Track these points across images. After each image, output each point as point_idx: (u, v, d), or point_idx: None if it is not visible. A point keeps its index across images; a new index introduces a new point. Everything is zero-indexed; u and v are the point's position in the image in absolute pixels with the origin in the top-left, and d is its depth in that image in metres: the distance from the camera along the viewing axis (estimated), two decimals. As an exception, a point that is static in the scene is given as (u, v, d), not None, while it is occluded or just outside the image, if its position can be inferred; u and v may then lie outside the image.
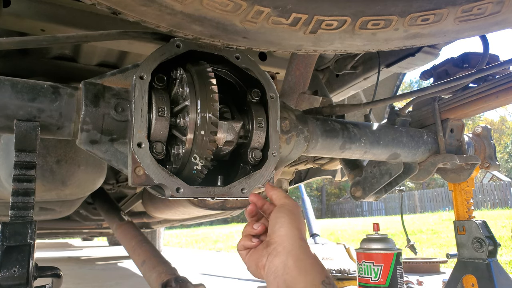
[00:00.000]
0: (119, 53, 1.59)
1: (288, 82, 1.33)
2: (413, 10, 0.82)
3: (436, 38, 0.92)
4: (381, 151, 1.35)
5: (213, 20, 0.79)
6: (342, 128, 1.27)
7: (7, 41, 0.96)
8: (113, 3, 0.74)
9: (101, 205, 2.38)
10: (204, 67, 0.92)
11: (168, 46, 0.92)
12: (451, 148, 1.55)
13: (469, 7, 0.82)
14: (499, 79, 1.43)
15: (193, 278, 1.78)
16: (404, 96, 1.46)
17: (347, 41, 0.89)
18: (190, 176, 0.92)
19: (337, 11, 0.79)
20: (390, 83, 2.19)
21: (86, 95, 0.86)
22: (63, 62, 1.56)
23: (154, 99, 0.89)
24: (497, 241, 1.66)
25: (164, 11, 0.75)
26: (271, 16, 0.78)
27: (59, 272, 0.83)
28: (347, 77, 1.87)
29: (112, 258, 5.67)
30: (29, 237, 0.77)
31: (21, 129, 0.81)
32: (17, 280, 0.73)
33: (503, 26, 0.91)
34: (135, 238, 1.73)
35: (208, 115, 0.87)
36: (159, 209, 2.67)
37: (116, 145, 0.91)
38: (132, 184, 0.85)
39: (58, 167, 1.43)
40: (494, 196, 16.74)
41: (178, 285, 1.19)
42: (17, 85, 0.82)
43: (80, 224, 3.47)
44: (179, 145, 0.92)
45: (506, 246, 4.86)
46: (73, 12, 1.29)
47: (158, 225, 3.92)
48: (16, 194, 0.80)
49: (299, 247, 0.73)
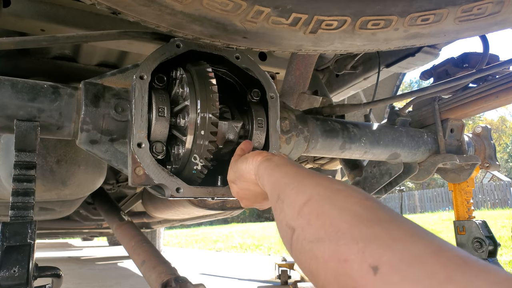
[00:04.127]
0: (119, 53, 1.59)
1: (288, 82, 1.33)
2: (413, 10, 0.82)
3: (436, 38, 0.92)
4: (381, 151, 1.35)
5: (213, 20, 0.79)
6: (342, 128, 1.27)
7: (7, 41, 0.96)
8: (113, 3, 0.74)
9: (101, 205, 2.38)
10: (204, 67, 0.92)
11: (168, 46, 0.92)
12: (451, 148, 1.55)
13: (469, 7, 0.82)
14: (499, 79, 1.43)
15: (193, 278, 1.78)
16: (404, 96, 1.46)
17: (347, 41, 0.88)
18: (190, 176, 0.92)
19: (337, 11, 0.79)
20: (390, 83, 2.19)
21: (86, 95, 0.86)
22: (63, 62, 1.56)
23: (154, 99, 0.89)
24: (497, 241, 1.66)
25: (164, 11, 0.75)
26: (271, 16, 0.78)
27: (59, 272, 0.83)
28: (347, 77, 1.87)
29: (112, 258, 5.67)
30: (29, 237, 0.77)
31: (21, 129, 0.81)
32: (17, 280, 0.73)
33: (503, 26, 0.91)
34: (135, 238, 1.73)
35: (208, 115, 0.87)
36: (159, 209, 2.67)
37: (116, 145, 0.91)
38: (132, 184, 0.85)
39: (58, 167, 1.43)
40: (494, 196, 16.74)
41: (178, 285, 1.19)
42: (17, 85, 0.82)
43: (80, 224, 3.47)
44: (179, 145, 0.92)
45: (506, 246, 4.86)
46: (73, 12, 1.29)
47: (158, 225, 3.92)
48: (16, 194, 0.80)
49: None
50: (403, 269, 0.34)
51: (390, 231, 0.39)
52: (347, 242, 0.40)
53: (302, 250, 0.47)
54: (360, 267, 0.37)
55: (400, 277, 0.33)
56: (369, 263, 0.36)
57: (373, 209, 0.44)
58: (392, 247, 0.37)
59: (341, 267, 0.39)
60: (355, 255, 0.38)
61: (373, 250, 0.37)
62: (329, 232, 0.43)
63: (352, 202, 0.46)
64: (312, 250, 0.45)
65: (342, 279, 0.39)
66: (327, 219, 0.45)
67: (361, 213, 0.43)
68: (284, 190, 0.57)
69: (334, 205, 0.47)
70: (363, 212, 0.43)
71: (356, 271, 0.37)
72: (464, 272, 0.31)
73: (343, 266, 0.39)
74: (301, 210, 0.50)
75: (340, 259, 0.40)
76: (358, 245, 0.39)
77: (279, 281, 3.29)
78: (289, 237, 0.50)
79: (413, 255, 0.35)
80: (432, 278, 0.31)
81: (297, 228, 0.49)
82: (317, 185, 0.53)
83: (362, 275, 0.36)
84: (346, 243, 0.40)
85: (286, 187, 0.57)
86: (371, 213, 0.43)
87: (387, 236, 0.38)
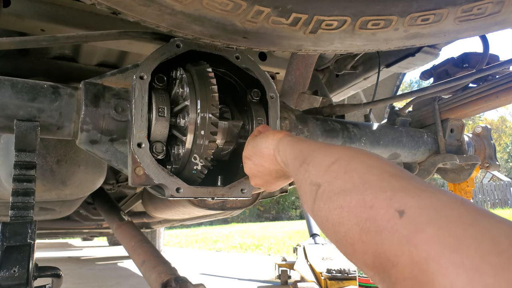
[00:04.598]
0: (119, 53, 1.59)
1: (288, 82, 1.33)
2: (413, 10, 0.82)
3: (436, 38, 0.92)
4: (381, 151, 1.35)
5: (213, 20, 0.79)
6: (342, 128, 1.27)
7: (7, 41, 0.96)
8: (113, 3, 0.74)
9: (101, 205, 2.38)
10: (204, 67, 0.92)
11: (168, 46, 0.92)
12: (451, 148, 1.55)
13: (469, 7, 0.82)
14: (499, 79, 1.43)
15: (193, 278, 1.78)
16: (404, 96, 1.46)
17: (347, 41, 0.88)
18: (190, 176, 0.92)
19: (337, 11, 0.79)
20: (390, 83, 2.19)
21: (86, 95, 0.86)
22: (63, 62, 1.56)
23: (154, 99, 0.89)
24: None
25: (164, 11, 0.75)
26: (271, 16, 0.78)
27: (59, 272, 0.83)
28: (347, 77, 1.87)
29: (112, 258, 5.67)
30: (29, 237, 0.77)
31: (21, 129, 0.81)
32: (17, 280, 0.73)
33: (503, 26, 0.91)
34: (135, 238, 1.73)
35: (208, 115, 0.87)
36: (159, 209, 2.67)
37: (116, 145, 0.91)
38: (132, 184, 0.85)
39: (58, 167, 1.43)
40: (494, 196, 16.73)
41: (178, 285, 1.19)
42: (17, 85, 0.82)
43: (80, 224, 3.46)
44: (179, 145, 0.92)
45: (506, 246, 4.85)
46: (73, 12, 1.29)
47: (158, 225, 3.91)
48: (16, 194, 0.80)
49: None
50: (430, 213, 0.34)
51: (418, 184, 0.39)
52: (375, 191, 0.40)
53: (327, 200, 0.46)
54: (386, 211, 0.37)
55: (427, 219, 0.33)
56: (395, 208, 0.36)
57: (402, 170, 0.44)
58: (420, 195, 0.37)
59: (366, 213, 0.39)
60: (382, 202, 0.38)
61: (400, 198, 0.37)
62: (357, 184, 0.43)
63: (382, 162, 0.46)
64: (337, 200, 0.44)
65: (366, 224, 0.38)
66: (355, 174, 0.45)
67: (390, 170, 0.44)
68: (310, 155, 0.57)
69: (363, 162, 0.47)
70: (392, 170, 0.44)
71: (382, 216, 0.37)
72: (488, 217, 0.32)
73: (369, 212, 0.39)
74: (329, 168, 0.50)
75: (366, 206, 0.40)
76: (386, 193, 0.39)
77: (279, 281, 3.29)
78: (314, 193, 0.50)
79: (441, 202, 0.35)
80: (458, 221, 0.32)
81: (323, 184, 0.49)
82: (345, 148, 0.53)
83: (388, 219, 0.36)
84: (373, 192, 0.40)
85: (313, 152, 0.57)
86: (400, 171, 0.44)
87: (416, 188, 0.38)
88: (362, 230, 0.39)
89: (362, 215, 0.39)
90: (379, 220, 0.37)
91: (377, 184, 0.41)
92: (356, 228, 0.40)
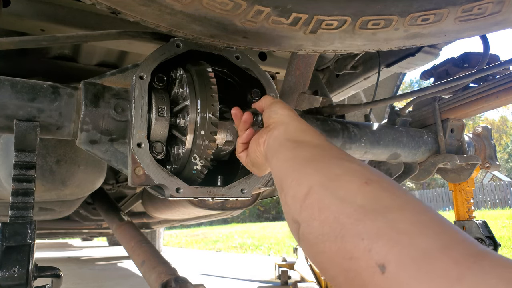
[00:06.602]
0: (119, 53, 1.59)
1: (288, 82, 1.33)
2: (413, 10, 0.81)
3: (437, 38, 0.92)
4: (381, 151, 1.35)
5: (213, 20, 0.79)
6: (342, 128, 1.27)
7: (7, 41, 0.96)
8: (113, 3, 0.74)
9: (101, 205, 2.38)
10: (204, 67, 0.92)
11: (168, 46, 0.92)
12: (451, 148, 1.55)
13: (469, 7, 0.82)
14: (500, 79, 1.43)
15: (193, 278, 1.78)
16: (404, 96, 1.46)
17: (347, 41, 0.88)
18: (190, 176, 0.92)
19: (337, 11, 0.79)
20: (390, 83, 2.19)
21: (86, 95, 0.86)
22: (63, 62, 1.56)
23: (154, 99, 0.89)
24: (497, 241, 1.66)
25: (164, 11, 0.75)
26: (271, 16, 0.78)
27: (59, 272, 0.83)
28: (347, 77, 1.87)
29: (112, 258, 5.67)
30: (29, 237, 0.77)
31: (20, 129, 0.81)
32: (16, 280, 0.73)
33: (503, 26, 0.91)
34: (135, 238, 1.73)
35: (208, 115, 0.87)
36: (159, 209, 2.67)
37: (115, 145, 0.91)
38: (131, 184, 0.85)
39: (58, 167, 1.43)
40: (494, 196, 16.73)
41: (178, 285, 1.19)
42: (17, 85, 0.82)
43: (80, 224, 3.46)
44: (179, 145, 0.92)
45: (506, 246, 4.86)
46: (73, 12, 1.29)
47: (158, 225, 3.91)
48: (16, 194, 0.80)
49: (297, 119, 0.73)
50: (410, 267, 0.33)
51: (395, 223, 0.38)
52: (352, 238, 0.40)
53: (309, 244, 0.47)
54: (367, 265, 0.37)
55: (408, 275, 0.33)
56: (376, 261, 0.36)
57: (376, 196, 0.43)
58: (399, 242, 0.36)
59: (348, 264, 0.39)
60: (361, 253, 0.38)
61: (379, 249, 0.37)
62: (333, 228, 0.43)
63: (354, 191, 0.45)
64: (317, 245, 0.45)
65: (351, 275, 0.39)
66: (330, 214, 0.45)
67: (363, 203, 0.43)
68: (286, 181, 0.57)
69: (334, 196, 0.46)
70: (365, 202, 0.43)
71: (364, 269, 0.37)
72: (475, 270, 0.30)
73: (350, 263, 0.39)
74: (303, 203, 0.50)
75: (346, 257, 0.40)
76: (363, 241, 0.38)
77: (279, 281, 3.29)
78: (296, 231, 0.51)
79: (421, 251, 0.34)
80: (443, 277, 0.31)
81: (302, 223, 0.49)
82: (316, 172, 0.52)
83: (370, 274, 0.36)
84: (351, 240, 0.40)
85: (288, 177, 0.57)
86: (374, 201, 0.42)
87: (393, 230, 0.38)
88: (347, 280, 0.39)
89: (344, 265, 0.40)
90: (362, 273, 0.37)
91: (353, 229, 0.41)
92: (341, 277, 0.40)
